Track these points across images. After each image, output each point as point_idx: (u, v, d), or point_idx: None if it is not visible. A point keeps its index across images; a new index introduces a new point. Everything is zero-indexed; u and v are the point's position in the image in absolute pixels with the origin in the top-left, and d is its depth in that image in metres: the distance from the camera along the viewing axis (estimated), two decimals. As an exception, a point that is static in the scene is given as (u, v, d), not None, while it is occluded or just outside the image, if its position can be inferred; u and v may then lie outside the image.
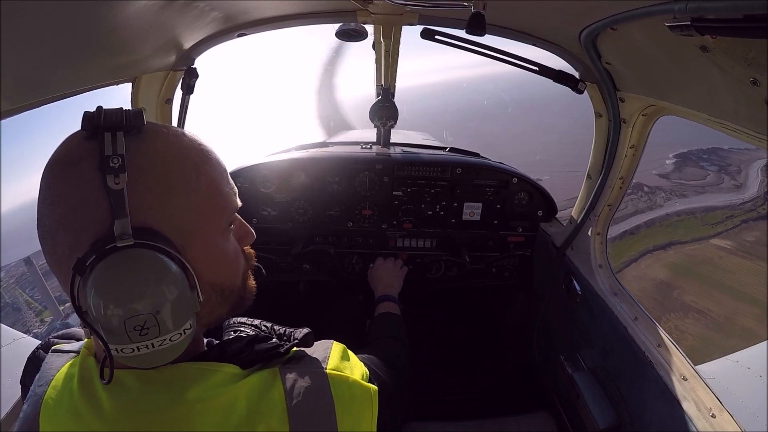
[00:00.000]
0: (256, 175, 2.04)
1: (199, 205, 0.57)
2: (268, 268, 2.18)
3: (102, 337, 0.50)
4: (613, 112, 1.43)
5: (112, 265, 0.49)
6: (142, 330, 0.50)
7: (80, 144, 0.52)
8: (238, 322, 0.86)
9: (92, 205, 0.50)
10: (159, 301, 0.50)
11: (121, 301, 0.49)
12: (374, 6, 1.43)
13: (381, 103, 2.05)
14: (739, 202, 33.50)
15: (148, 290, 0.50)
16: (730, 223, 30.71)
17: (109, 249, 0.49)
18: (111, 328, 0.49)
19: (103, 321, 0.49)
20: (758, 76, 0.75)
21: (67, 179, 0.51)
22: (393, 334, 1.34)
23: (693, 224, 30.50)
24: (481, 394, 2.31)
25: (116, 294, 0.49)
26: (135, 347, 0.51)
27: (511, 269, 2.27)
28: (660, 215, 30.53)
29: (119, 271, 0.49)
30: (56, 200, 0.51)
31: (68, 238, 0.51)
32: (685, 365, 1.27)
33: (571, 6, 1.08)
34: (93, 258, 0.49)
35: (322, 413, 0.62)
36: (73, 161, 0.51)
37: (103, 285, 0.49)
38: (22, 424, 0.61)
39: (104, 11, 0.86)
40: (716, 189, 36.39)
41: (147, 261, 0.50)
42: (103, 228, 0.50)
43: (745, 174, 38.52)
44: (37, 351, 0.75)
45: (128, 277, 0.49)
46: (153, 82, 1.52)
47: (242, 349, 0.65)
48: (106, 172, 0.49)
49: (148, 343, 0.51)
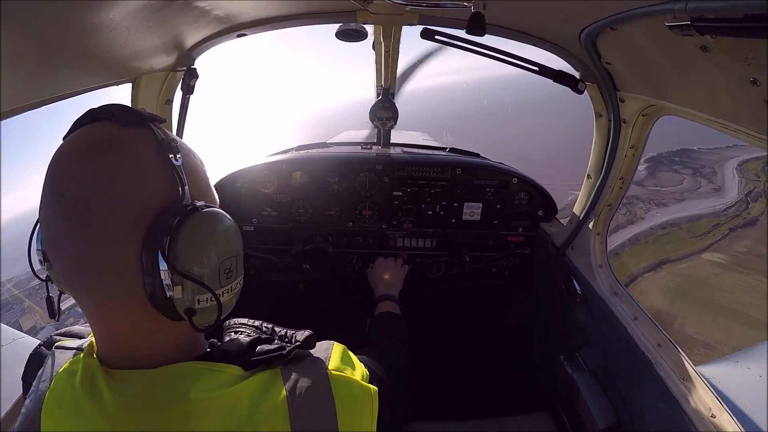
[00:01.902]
0: (256, 176, 2.04)
1: (209, 187, 0.66)
2: (268, 268, 2.18)
3: (205, 285, 0.56)
4: (613, 112, 1.43)
5: (201, 220, 0.56)
6: (228, 273, 0.59)
7: (121, 131, 0.56)
8: (240, 323, 0.86)
9: (154, 180, 0.55)
10: (238, 246, 0.62)
11: (218, 248, 0.58)
12: (374, 6, 1.43)
13: (381, 104, 2.05)
14: (722, 208, 32.61)
15: (231, 237, 0.60)
16: (718, 233, 29.64)
17: (191, 210, 0.56)
18: (207, 273, 0.56)
19: (201, 269, 0.56)
20: (758, 76, 0.75)
21: (124, 158, 0.55)
22: (393, 334, 1.34)
23: (680, 237, 29.16)
24: (481, 394, 2.31)
25: (212, 243, 0.57)
26: (222, 292, 0.59)
27: (511, 269, 2.27)
28: (644, 230, 29.14)
29: (209, 225, 0.57)
30: (115, 177, 0.53)
31: (132, 211, 0.53)
32: (684, 365, 1.26)
33: (571, 6, 1.08)
34: (177, 219, 0.54)
35: (324, 413, 0.63)
36: (126, 143, 0.55)
37: (199, 237, 0.56)
38: (24, 421, 0.62)
39: (104, 11, 0.86)
40: (695, 195, 35.57)
41: (222, 216, 0.60)
42: (166, 198, 0.55)
43: (721, 175, 37.82)
44: (39, 348, 0.75)
45: (217, 229, 0.58)
46: (153, 83, 1.52)
47: (244, 351, 0.66)
48: (168, 151, 0.56)
49: (229, 286, 0.60)
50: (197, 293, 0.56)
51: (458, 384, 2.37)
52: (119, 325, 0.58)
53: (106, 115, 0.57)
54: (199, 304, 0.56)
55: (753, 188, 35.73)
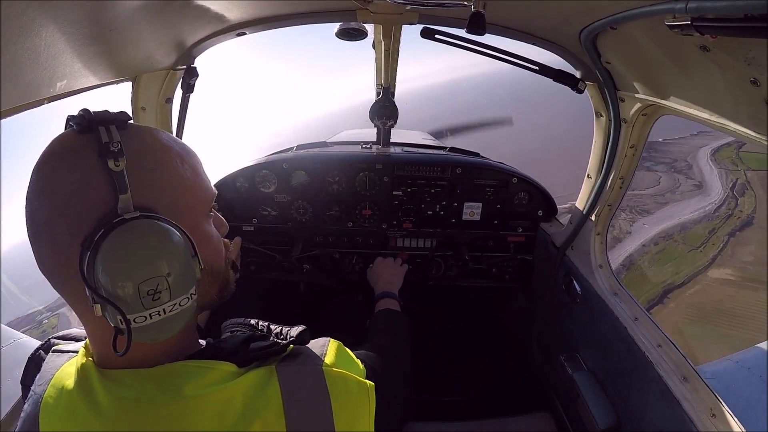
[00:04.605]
0: (256, 175, 2.04)
1: (186, 188, 0.62)
2: (268, 267, 2.18)
3: (118, 307, 0.51)
4: (613, 112, 1.43)
5: (123, 234, 0.51)
6: (155, 294, 0.53)
7: (74, 138, 0.55)
8: (235, 322, 0.86)
9: (94, 189, 0.53)
10: (169, 264, 0.54)
11: (134, 267, 0.52)
12: (374, 5, 1.43)
13: (381, 103, 2.05)
14: (711, 209, 29.59)
15: (159, 254, 0.53)
16: (717, 241, 26.39)
17: (117, 222, 0.52)
18: (125, 295, 0.51)
19: (117, 290, 0.51)
20: (758, 76, 0.75)
21: (66, 168, 0.53)
22: (392, 331, 1.33)
23: (678, 253, 25.43)
24: (481, 394, 2.31)
25: (129, 260, 0.51)
26: (148, 314, 0.53)
27: (511, 269, 2.26)
28: (636, 248, 25.32)
29: (131, 239, 0.52)
30: (55, 189, 0.53)
31: (69, 225, 0.52)
32: (685, 365, 1.26)
33: (571, 5, 1.07)
34: (101, 232, 0.51)
35: (319, 410, 0.63)
36: (70, 151, 0.54)
37: (115, 254, 0.51)
38: (23, 424, 0.62)
39: (104, 11, 0.86)
40: (678, 195, 32.17)
41: (155, 229, 0.54)
42: (106, 208, 0.53)
43: (697, 168, 34.93)
44: (37, 351, 0.76)
45: (140, 244, 0.52)
46: (153, 82, 1.52)
47: (238, 348, 0.66)
48: (107, 156, 0.53)
49: (159, 308, 0.53)
50: (117, 314, 0.52)
51: (458, 384, 2.37)
52: (95, 327, 0.59)
53: (70, 121, 0.56)
54: (122, 325, 0.52)
55: (736, 180, 33.07)
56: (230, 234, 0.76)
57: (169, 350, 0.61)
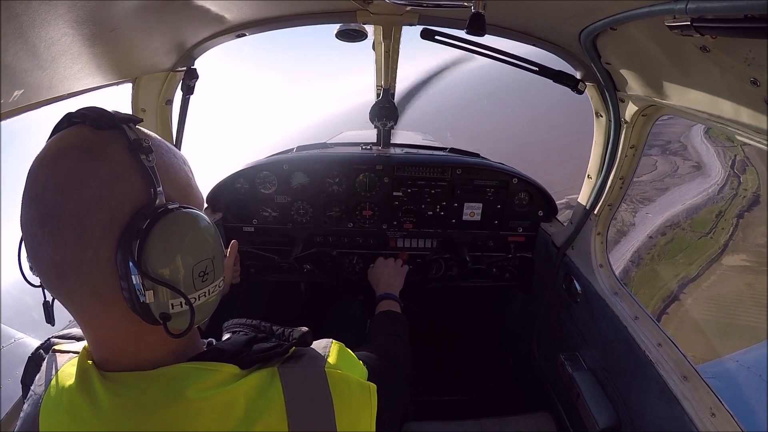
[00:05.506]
0: (257, 176, 2.04)
1: (192, 187, 0.65)
2: (268, 269, 2.18)
3: (178, 290, 0.54)
4: (613, 113, 1.43)
5: (173, 222, 0.55)
6: (204, 276, 0.58)
7: (94, 133, 0.56)
8: (237, 323, 0.86)
9: (126, 182, 0.54)
10: (213, 248, 0.59)
11: (190, 250, 0.56)
12: (374, 6, 1.43)
13: (381, 104, 2.05)
14: (715, 190, 27.85)
15: (206, 238, 0.58)
16: (726, 225, 24.69)
17: (162, 212, 0.54)
18: (181, 277, 0.55)
19: (174, 272, 0.54)
20: (758, 76, 0.75)
21: (96, 161, 0.53)
22: (393, 332, 1.34)
23: (687, 241, 23.78)
24: (481, 394, 2.31)
25: (185, 245, 0.55)
26: (197, 295, 0.57)
27: (511, 269, 2.27)
28: (643, 242, 23.45)
29: (182, 227, 0.56)
30: (84, 182, 0.52)
31: (102, 217, 0.52)
32: (685, 365, 1.27)
33: (571, 6, 1.08)
34: (147, 222, 0.53)
35: (321, 411, 0.63)
36: (96, 146, 0.54)
37: (170, 240, 0.54)
38: (23, 424, 0.62)
39: (104, 11, 0.86)
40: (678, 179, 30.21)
41: (197, 217, 0.58)
42: (139, 201, 0.54)
43: (693, 148, 33.07)
44: (37, 351, 0.75)
45: (190, 230, 0.56)
46: (153, 83, 1.52)
47: (241, 350, 0.66)
48: (139, 151, 0.55)
49: (206, 289, 0.59)
50: (170, 298, 0.54)
51: (458, 384, 2.38)
52: (105, 329, 0.58)
53: (81, 118, 0.56)
54: (174, 309, 0.55)
55: (734, 156, 30.97)
56: (230, 235, 0.77)
57: (176, 350, 0.61)
